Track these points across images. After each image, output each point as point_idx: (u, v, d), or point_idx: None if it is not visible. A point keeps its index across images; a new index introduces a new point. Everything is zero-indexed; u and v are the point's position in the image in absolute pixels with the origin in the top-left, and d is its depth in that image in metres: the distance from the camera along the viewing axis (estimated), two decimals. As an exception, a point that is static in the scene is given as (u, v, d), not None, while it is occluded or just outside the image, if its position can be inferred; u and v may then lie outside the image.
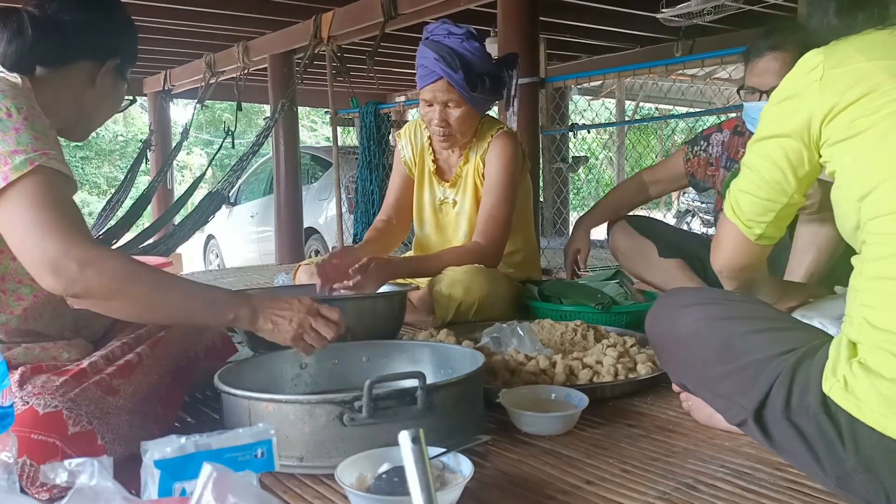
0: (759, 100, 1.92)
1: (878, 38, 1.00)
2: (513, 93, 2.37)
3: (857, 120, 0.98)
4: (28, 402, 1.07)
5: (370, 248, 2.33)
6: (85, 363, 1.21)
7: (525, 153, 2.42)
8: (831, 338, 1.03)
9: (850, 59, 1.00)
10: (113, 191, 6.80)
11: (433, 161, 2.46)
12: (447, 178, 2.45)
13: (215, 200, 5.39)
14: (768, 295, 1.40)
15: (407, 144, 2.52)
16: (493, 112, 2.77)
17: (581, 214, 2.63)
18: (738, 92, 2.02)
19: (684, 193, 9.37)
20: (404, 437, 0.77)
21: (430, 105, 2.25)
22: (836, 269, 1.93)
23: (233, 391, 1.21)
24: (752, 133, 2.17)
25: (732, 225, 1.21)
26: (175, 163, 7.79)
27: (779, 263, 1.99)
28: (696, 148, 2.31)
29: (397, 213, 2.55)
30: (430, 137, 2.42)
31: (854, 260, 1.04)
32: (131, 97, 1.48)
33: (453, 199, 2.44)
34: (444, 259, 2.21)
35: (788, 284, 1.55)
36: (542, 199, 5.76)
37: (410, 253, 2.64)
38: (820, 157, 1.06)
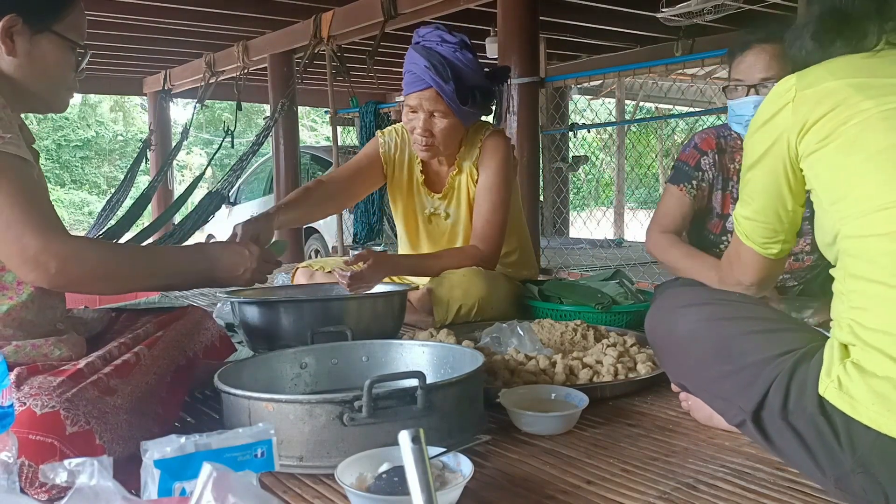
0: (747, 94, 1.83)
1: (850, 60, 1.06)
2: (505, 107, 2.28)
3: (829, 133, 1.02)
4: (25, 403, 1.06)
5: (289, 214, 2.11)
6: (82, 363, 1.20)
7: (512, 151, 2.33)
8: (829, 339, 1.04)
9: (820, 79, 1.05)
10: (113, 190, 6.80)
11: (422, 172, 2.36)
12: (437, 189, 2.37)
13: (215, 200, 5.39)
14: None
15: (393, 141, 2.39)
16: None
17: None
18: (723, 91, 1.98)
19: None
20: (404, 436, 0.76)
21: (415, 112, 2.16)
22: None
23: (233, 391, 1.21)
24: (739, 138, 2.01)
25: (749, 248, 1.23)
26: (175, 162, 7.79)
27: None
28: (694, 182, 2.04)
29: (339, 187, 2.33)
30: None
31: (834, 271, 1.06)
32: (81, 49, 1.34)
33: (445, 210, 2.36)
34: (443, 261, 2.20)
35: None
36: (541, 199, 5.76)
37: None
38: (801, 171, 1.10)
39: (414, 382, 1.15)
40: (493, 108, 2.28)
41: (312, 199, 2.24)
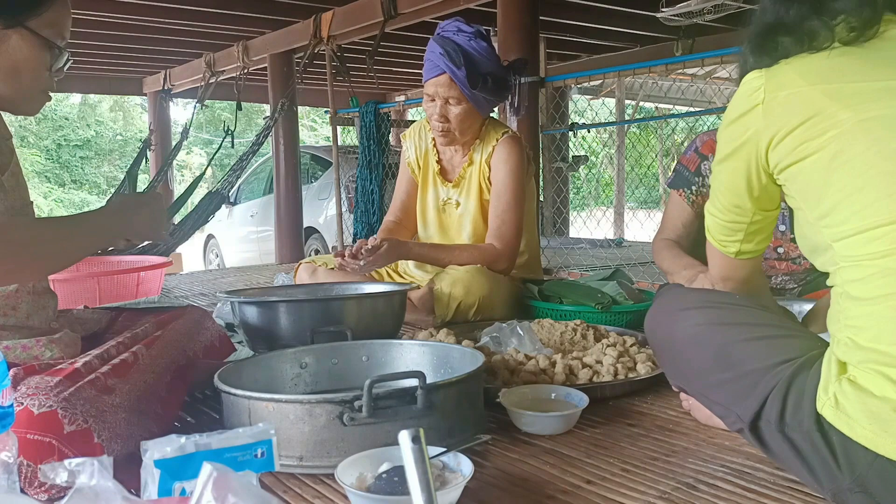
0: None
1: (815, 62, 1.00)
2: (521, 99, 2.40)
3: (804, 144, 0.97)
4: (23, 403, 1.06)
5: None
6: (79, 363, 1.19)
7: (530, 157, 2.43)
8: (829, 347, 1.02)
9: (791, 82, 0.99)
10: (113, 190, 6.80)
11: (437, 161, 2.47)
12: (450, 178, 2.45)
13: (215, 200, 5.39)
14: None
15: (411, 146, 2.53)
16: (495, 113, 2.75)
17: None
18: None
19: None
20: (404, 436, 0.76)
21: (433, 100, 2.27)
22: None
23: (233, 391, 1.21)
24: None
25: (710, 241, 1.24)
26: (175, 162, 7.79)
27: None
28: (693, 188, 2.05)
29: (405, 215, 2.58)
30: (434, 138, 2.43)
31: (829, 282, 1.03)
32: (58, 48, 1.25)
33: (456, 199, 2.44)
34: (456, 254, 2.22)
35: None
36: (541, 199, 5.76)
37: None
38: (775, 181, 1.07)
39: (414, 382, 1.15)
40: (508, 96, 2.36)
41: (395, 233, 2.49)
